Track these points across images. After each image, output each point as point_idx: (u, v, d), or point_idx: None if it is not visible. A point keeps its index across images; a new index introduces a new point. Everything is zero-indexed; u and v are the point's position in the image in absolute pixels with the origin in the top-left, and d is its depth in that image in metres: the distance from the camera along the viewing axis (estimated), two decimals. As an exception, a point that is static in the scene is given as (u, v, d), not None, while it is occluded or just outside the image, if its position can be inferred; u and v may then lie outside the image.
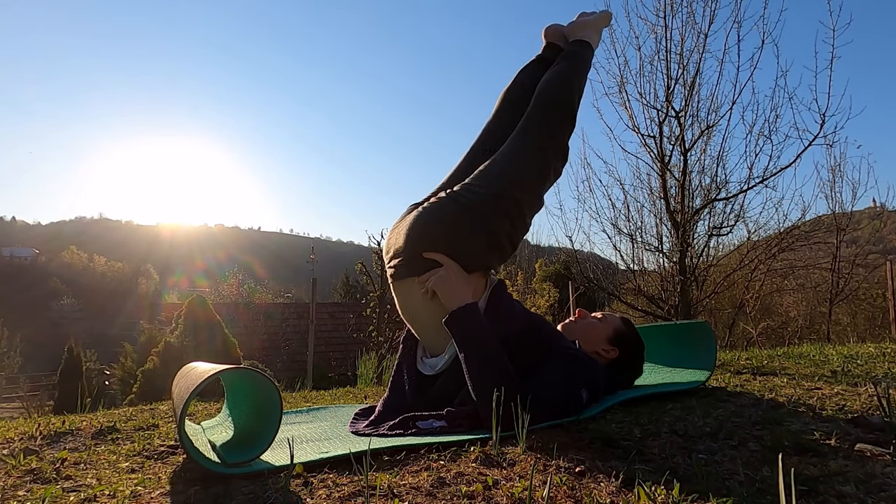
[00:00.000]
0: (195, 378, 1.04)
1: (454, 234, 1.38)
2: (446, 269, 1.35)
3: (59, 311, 58.15)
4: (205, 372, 1.06)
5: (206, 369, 1.10)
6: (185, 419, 1.00)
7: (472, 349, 1.27)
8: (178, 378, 1.24)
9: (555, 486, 0.83)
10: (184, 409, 0.96)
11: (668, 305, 5.40)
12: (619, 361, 1.61)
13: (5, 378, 16.16)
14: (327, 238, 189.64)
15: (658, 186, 5.43)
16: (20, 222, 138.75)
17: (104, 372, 12.03)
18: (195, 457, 0.96)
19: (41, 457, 1.14)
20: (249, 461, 0.98)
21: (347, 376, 8.74)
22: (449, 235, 1.38)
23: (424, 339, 1.46)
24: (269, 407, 1.07)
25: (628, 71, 5.33)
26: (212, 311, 7.14)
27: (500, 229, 1.41)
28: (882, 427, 1.07)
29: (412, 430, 1.23)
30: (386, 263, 1.48)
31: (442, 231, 1.39)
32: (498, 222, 1.41)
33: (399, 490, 0.84)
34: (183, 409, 0.96)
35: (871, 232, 7.71)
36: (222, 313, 7.95)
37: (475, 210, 1.40)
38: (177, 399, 1.10)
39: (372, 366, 4.18)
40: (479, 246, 1.40)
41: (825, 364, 2.02)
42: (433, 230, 1.39)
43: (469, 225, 1.39)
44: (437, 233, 1.39)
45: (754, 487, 0.80)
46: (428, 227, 1.39)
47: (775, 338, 7.62)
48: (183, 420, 0.98)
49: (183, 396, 1.00)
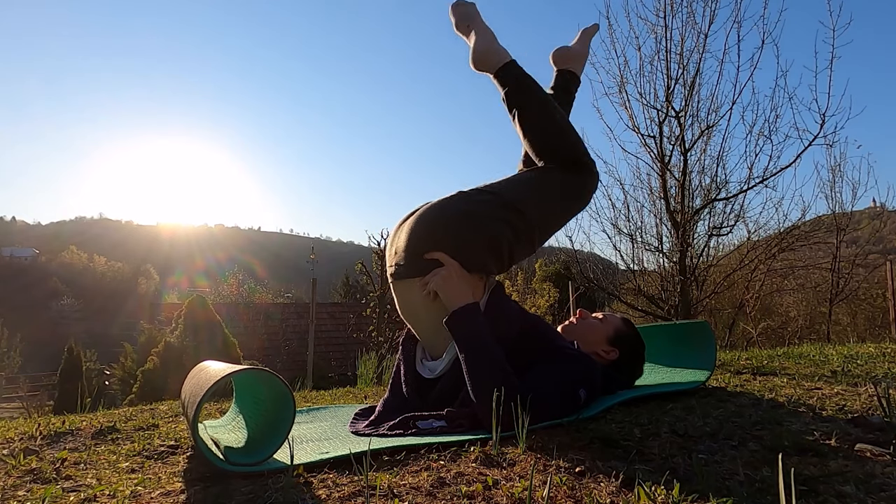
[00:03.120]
0: (213, 375, 1.04)
1: (456, 234, 1.38)
2: (448, 269, 1.34)
3: (59, 311, 58.16)
4: (223, 370, 1.05)
5: (222, 368, 1.10)
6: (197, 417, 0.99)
7: (472, 349, 1.27)
8: (192, 375, 1.24)
9: (555, 486, 0.83)
10: (199, 406, 0.95)
11: (668, 305, 5.41)
12: (620, 362, 1.60)
13: (5, 378, 16.15)
14: (327, 238, 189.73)
15: (658, 186, 5.43)
16: (20, 222, 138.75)
17: (104, 372, 12.03)
18: (206, 454, 0.96)
19: (41, 457, 1.14)
20: (254, 464, 0.97)
21: (347, 376, 8.74)
22: (451, 235, 1.38)
23: (424, 340, 1.46)
24: (281, 413, 1.06)
25: (628, 71, 5.34)
26: (212, 311, 7.14)
27: (501, 236, 1.40)
28: (882, 427, 1.07)
29: (412, 430, 1.23)
30: (387, 263, 1.48)
31: (444, 231, 1.38)
32: (500, 228, 1.40)
33: (399, 490, 0.84)
34: (198, 407, 0.96)
35: (871, 232, 7.70)
36: (222, 313, 7.95)
37: (479, 212, 1.40)
38: (191, 396, 1.09)
39: (372, 366, 4.18)
40: (480, 248, 1.39)
41: (825, 364, 2.02)
42: (435, 230, 1.39)
43: (471, 226, 1.39)
44: (438, 233, 1.38)
45: (754, 487, 0.80)
46: (430, 226, 1.39)
47: (775, 338, 7.61)
48: (197, 417, 0.97)
49: (199, 393, 0.99)
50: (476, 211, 1.40)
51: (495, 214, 1.40)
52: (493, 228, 1.39)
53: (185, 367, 6.46)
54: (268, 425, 1.13)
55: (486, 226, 1.39)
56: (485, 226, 1.39)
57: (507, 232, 1.40)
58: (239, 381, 1.40)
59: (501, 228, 1.40)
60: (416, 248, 1.38)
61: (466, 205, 1.41)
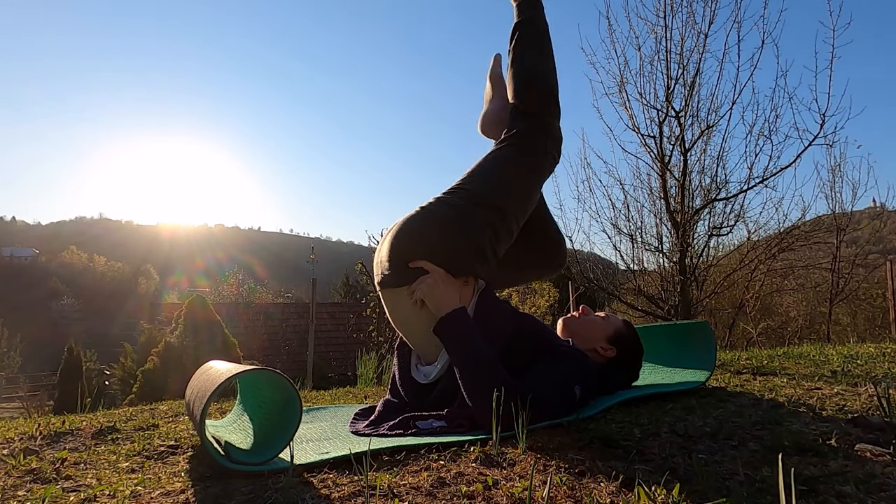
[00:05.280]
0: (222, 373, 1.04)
1: (438, 240, 1.38)
2: (433, 276, 1.34)
3: (59, 311, 58.18)
4: (231, 369, 1.05)
5: (230, 367, 1.09)
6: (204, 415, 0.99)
7: (463, 354, 1.27)
8: (199, 374, 1.24)
9: (555, 486, 0.83)
10: (206, 403, 0.95)
11: (668, 305, 5.40)
12: (617, 361, 1.61)
13: (5, 378, 16.16)
14: (327, 238, 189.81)
15: (658, 186, 5.43)
16: (20, 222, 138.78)
17: (104, 372, 12.03)
18: (210, 451, 0.96)
19: (41, 457, 1.14)
20: (258, 464, 0.97)
21: (347, 376, 8.74)
22: (433, 242, 1.38)
23: (416, 347, 1.46)
24: (286, 414, 1.06)
25: (628, 71, 5.34)
26: (212, 311, 7.14)
27: (482, 237, 1.40)
28: (882, 427, 1.07)
29: (412, 430, 1.23)
30: (374, 272, 1.47)
31: (425, 239, 1.38)
32: (479, 229, 1.40)
33: (399, 490, 0.84)
34: (206, 404, 0.96)
35: (871, 232, 7.69)
36: (222, 313, 7.95)
37: (457, 217, 1.40)
38: (199, 392, 1.08)
39: (372, 366, 4.18)
40: (463, 253, 1.39)
41: (825, 364, 2.02)
42: (417, 239, 1.38)
43: (452, 231, 1.39)
44: (420, 241, 1.38)
45: (754, 487, 0.80)
46: (412, 235, 1.39)
47: (775, 338, 7.61)
48: (204, 415, 0.97)
49: (208, 388, 0.99)
50: (454, 215, 1.40)
51: (473, 215, 1.40)
52: (472, 231, 1.40)
53: (185, 367, 6.46)
54: (272, 426, 1.13)
55: (466, 229, 1.39)
56: (465, 229, 1.39)
57: (487, 231, 1.41)
58: (243, 382, 1.40)
59: (481, 229, 1.40)
60: (399, 257, 1.37)
61: (444, 211, 1.41)
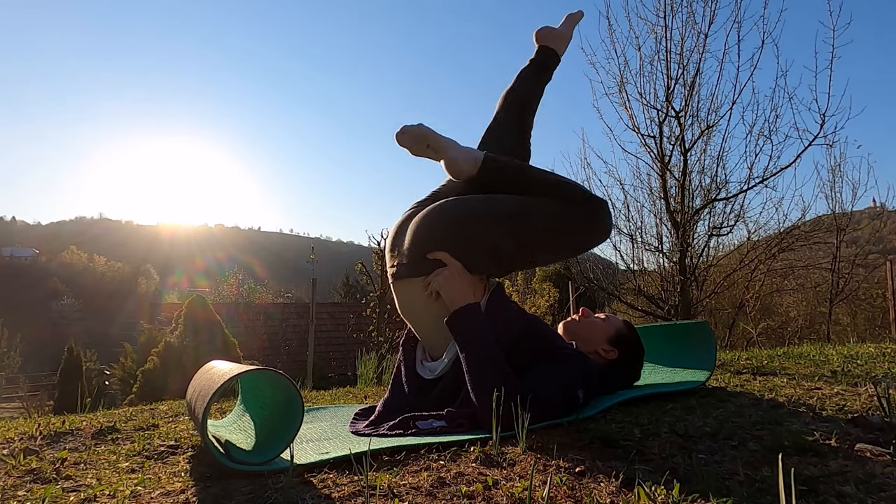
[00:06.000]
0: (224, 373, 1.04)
1: (460, 235, 1.38)
2: (451, 269, 1.35)
3: (59, 311, 58.15)
4: (234, 369, 1.05)
5: (232, 367, 1.09)
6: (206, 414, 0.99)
7: (473, 349, 1.27)
8: (201, 373, 1.23)
9: (555, 486, 0.83)
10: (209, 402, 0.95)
11: (668, 305, 5.41)
12: (618, 363, 1.61)
13: (5, 378, 16.16)
14: (327, 238, 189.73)
15: (658, 186, 5.43)
16: (20, 222, 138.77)
17: (104, 372, 12.03)
18: (212, 450, 0.96)
19: (41, 457, 1.14)
20: (259, 464, 0.97)
21: (347, 376, 8.74)
22: (454, 237, 1.38)
23: (424, 339, 1.47)
24: (287, 415, 1.06)
25: (628, 71, 5.35)
26: (212, 311, 7.15)
27: (503, 242, 1.39)
28: (882, 427, 1.07)
29: (412, 430, 1.23)
30: (388, 262, 1.48)
31: (447, 232, 1.38)
32: (502, 234, 1.39)
33: (399, 490, 0.84)
34: (208, 403, 0.95)
35: (871, 232, 7.70)
36: (222, 313, 7.95)
37: (483, 217, 1.39)
38: (202, 391, 1.08)
39: (372, 366, 4.18)
40: (482, 252, 1.39)
41: (825, 364, 2.02)
42: (438, 230, 1.38)
43: (475, 229, 1.38)
44: (441, 233, 1.38)
45: (754, 487, 0.80)
46: (433, 227, 1.39)
47: (775, 338, 7.61)
48: (206, 414, 0.97)
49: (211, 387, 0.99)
50: (479, 215, 1.39)
51: (499, 221, 1.39)
52: (495, 234, 1.39)
53: (185, 367, 6.45)
54: (272, 427, 1.13)
55: (490, 230, 1.39)
56: (488, 230, 1.39)
57: (510, 239, 1.39)
58: (244, 383, 1.40)
59: (504, 235, 1.39)
60: (419, 247, 1.38)
61: (469, 208, 1.41)
